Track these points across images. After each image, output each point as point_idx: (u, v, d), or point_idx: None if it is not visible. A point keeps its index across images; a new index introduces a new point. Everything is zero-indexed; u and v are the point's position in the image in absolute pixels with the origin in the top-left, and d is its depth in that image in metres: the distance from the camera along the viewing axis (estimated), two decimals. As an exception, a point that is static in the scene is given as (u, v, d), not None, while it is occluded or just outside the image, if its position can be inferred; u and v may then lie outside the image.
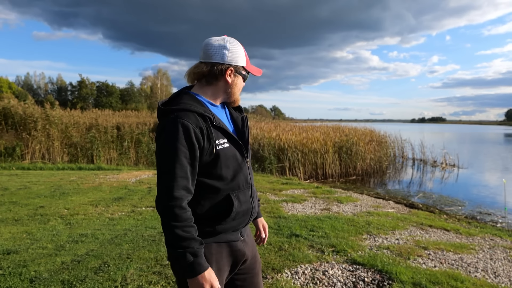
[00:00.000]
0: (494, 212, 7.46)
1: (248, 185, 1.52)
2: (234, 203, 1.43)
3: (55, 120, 14.42)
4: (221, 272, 1.45)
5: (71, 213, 5.65)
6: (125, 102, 56.39)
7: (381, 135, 16.63)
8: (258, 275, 1.65)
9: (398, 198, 8.52)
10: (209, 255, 1.41)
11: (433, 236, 4.80)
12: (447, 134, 49.10)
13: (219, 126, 1.42)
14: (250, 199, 1.52)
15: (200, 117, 1.38)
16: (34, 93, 61.14)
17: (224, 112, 1.58)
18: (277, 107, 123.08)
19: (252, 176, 1.58)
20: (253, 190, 1.57)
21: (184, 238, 1.29)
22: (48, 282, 3.10)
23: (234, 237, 1.50)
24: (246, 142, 1.55)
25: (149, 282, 3.13)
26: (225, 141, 1.43)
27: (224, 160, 1.42)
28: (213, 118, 1.41)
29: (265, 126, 17.79)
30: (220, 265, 1.45)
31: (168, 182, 1.31)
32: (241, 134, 1.56)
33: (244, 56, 1.51)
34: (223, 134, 1.44)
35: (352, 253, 3.93)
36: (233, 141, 1.46)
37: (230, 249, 1.49)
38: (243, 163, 1.50)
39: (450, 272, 3.48)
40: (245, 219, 1.52)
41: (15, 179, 9.09)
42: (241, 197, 1.48)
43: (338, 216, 5.68)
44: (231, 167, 1.45)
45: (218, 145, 1.40)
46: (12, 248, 3.96)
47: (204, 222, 1.42)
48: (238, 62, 1.49)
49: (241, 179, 1.48)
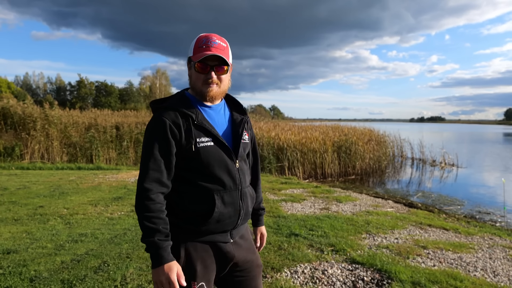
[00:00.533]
0: (493, 212, 7.47)
1: (236, 186, 1.49)
2: (216, 203, 1.43)
3: (54, 120, 14.39)
4: (208, 271, 1.47)
5: (70, 212, 5.65)
6: (124, 102, 56.32)
7: (380, 135, 16.64)
8: (256, 279, 1.63)
9: (397, 197, 8.53)
10: (193, 252, 1.45)
11: (432, 236, 4.81)
12: (446, 134, 49.17)
13: (201, 125, 1.44)
14: (239, 201, 1.50)
15: (181, 115, 1.43)
16: (33, 93, 61.09)
17: (223, 113, 1.57)
18: (276, 107, 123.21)
19: (244, 178, 1.54)
20: (244, 192, 1.53)
21: (150, 229, 1.34)
22: (48, 281, 3.10)
23: (223, 239, 1.50)
24: (237, 143, 1.53)
25: (148, 282, 3.13)
26: (208, 140, 1.44)
27: (206, 159, 1.43)
28: (196, 117, 1.44)
29: (264, 126, 17.77)
30: (206, 263, 1.46)
31: (141, 174, 1.39)
32: (235, 135, 1.54)
33: (192, 47, 1.49)
34: (205, 133, 1.44)
35: (351, 252, 3.94)
36: (217, 141, 1.46)
37: (218, 250, 1.49)
38: (231, 164, 1.48)
39: (449, 271, 3.49)
40: (232, 221, 1.50)
41: (14, 179, 9.09)
42: (226, 198, 1.46)
43: (337, 215, 5.69)
44: (215, 167, 1.44)
45: (199, 143, 1.42)
46: (12, 247, 3.96)
47: (187, 220, 1.45)
48: (188, 54, 1.51)
49: (226, 180, 1.46)
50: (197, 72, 1.47)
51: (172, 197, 1.47)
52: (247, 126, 1.64)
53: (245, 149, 1.58)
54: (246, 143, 1.59)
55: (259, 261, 1.68)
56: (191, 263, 1.44)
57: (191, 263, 1.44)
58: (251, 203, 1.60)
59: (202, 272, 1.45)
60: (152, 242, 1.34)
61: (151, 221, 1.35)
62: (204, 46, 1.46)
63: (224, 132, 1.53)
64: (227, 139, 1.51)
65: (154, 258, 1.34)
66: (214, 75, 1.47)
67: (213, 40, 1.47)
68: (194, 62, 1.46)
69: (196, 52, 1.47)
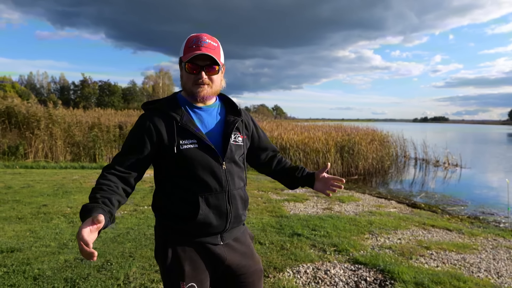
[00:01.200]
0: (497, 212, 7.43)
1: (222, 189, 1.46)
2: (200, 205, 1.42)
3: (58, 119, 14.45)
4: (199, 271, 1.46)
5: (74, 211, 5.67)
6: (127, 101, 56.58)
7: (383, 135, 16.58)
8: (254, 285, 1.59)
9: (400, 197, 8.51)
10: (181, 253, 1.45)
11: (435, 236, 4.79)
12: (449, 134, 48.96)
13: (185, 127, 1.43)
14: (226, 204, 1.48)
15: (165, 116, 1.45)
16: (37, 92, 61.41)
17: (216, 114, 1.55)
18: (278, 107, 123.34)
19: (233, 181, 1.50)
20: (232, 195, 1.49)
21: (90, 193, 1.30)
22: (51, 280, 3.12)
23: (212, 241, 1.49)
24: (225, 145, 1.49)
25: (151, 281, 3.14)
26: (192, 142, 1.43)
27: (189, 160, 1.42)
28: (181, 118, 1.44)
29: (267, 126, 17.78)
30: (196, 264, 1.46)
31: (112, 161, 1.45)
32: (225, 137, 1.51)
33: (182, 47, 1.48)
34: (189, 135, 1.43)
35: (354, 253, 3.94)
36: (201, 143, 1.44)
37: (207, 252, 1.48)
38: (217, 167, 1.45)
39: (452, 272, 3.47)
40: (220, 224, 1.47)
41: (18, 177, 9.13)
42: (212, 200, 1.45)
43: (340, 215, 5.68)
44: (198, 169, 1.43)
45: (182, 145, 1.42)
46: (16, 246, 3.98)
47: (175, 221, 1.46)
48: (179, 55, 1.49)
49: (211, 182, 1.44)
50: (187, 72, 1.45)
51: (162, 198, 1.49)
52: (242, 127, 1.59)
53: (236, 150, 1.53)
54: (238, 145, 1.55)
55: (258, 266, 1.63)
56: (178, 263, 1.44)
57: (179, 263, 1.43)
58: (242, 205, 1.55)
59: (191, 273, 1.43)
60: (83, 208, 1.21)
61: (93, 191, 1.29)
62: (194, 46, 1.44)
63: (213, 133, 1.50)
64: (215, 141, 1.48)
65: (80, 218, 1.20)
66: (205, 75, 1.45)
67: (203, 39, 1.45)
68: (185, 62, 1.44)
69: (186, 52, 1.45)
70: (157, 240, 1.54)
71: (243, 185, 1.59)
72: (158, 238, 1.54)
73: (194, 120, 1.48)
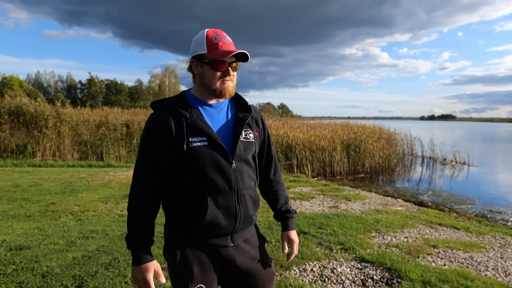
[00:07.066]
0: (505, 211, 7.37)
1: (231, 188, 1.44)
2: (208, 205, 1.39)
3: (65, 118, 14.58)
4: (207, 274, 1.45)
5: (81, 209, 5.72)
6: (134, 100, 56.80)
7: (390, 133, 16.49)
8: (264, 287, 1.57)
9: (407, 196, 8.46)
10: (190, 254, 1.45)
11: (442, 235, 4.76)
12: (457, 132, 48.51)
13: (195, 124, 1.40)
14: (235, 204, 1.45)
15: (174, 114, 1.42)
16: (45, 91, 61.98)
17: (226, 111, 1.52)
18: (284, 105, 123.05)
19: (242, 180, 1.47)
20: (242, 194, 1.47)
21: (129, 228, 1.43)
22: (59, 277, 3.15)
23: (222, 242, 1.47)
24: (235, 143, 1.46)
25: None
26: (203, 140, 1.40)
27: (199, 159, 1.40)
28: (190, 116, 1.41)
29: (273, 124, 17.75)
30: (205, 266, 1.45)
31: (133, 174, 1.48)
32: (235, 134, 1.48)
33: (204, 43, 1.42)
34: (199, 133, 1.41)
35: (360, 251, 3.93)
36: (211, 141, 1.41)
37: (217, 253, 1.47)
38: (226, 166, 1.43)
39: (460, 271, 3.45)
40: (230, 224, 1.45)
41: (26, 176, 9.23)
42: (221, 200, 1.42)
43: (347, 214, 5.66)
44: (207, 167, 1.40)
45: (192, 143, 1.39)
46: (25, 243, 4.03)
47: (184, 222, 1.45)
48: (198, 51, 1.44)
49: (220, 181, 1.41)
50: (214, 70, 1.42)
51: (171, 199, 1.48)
52: (252, 123, 1.56)
53: (246, 148, 1.49)
54: (249, 142, 1.50)
55: (270, 269, 1.60)
56: (187, 264, 1.43)
57: (188, 265, 1.43)
58: (252, 205, 1.52)
59: (200, 274, 1.43)
60: (131, 241, 1.40)
61: (131, 221, 1.43)
62: (220, 42, 1.42)
63: (223, 131, 1.47)
64: (225, 138, 1.45)
65: (133, 257, 1.39)
66: (232, 72, 1.45)
67: (224, 35, 1.44)
68: (213, 59, 1.40)
69: (212, 48, 1.41)
70: (166, 239, 1.53)
71: (254, 184, 1.55)
72: (167, 237, 1.53)
73: (204, 117, 1.45)
